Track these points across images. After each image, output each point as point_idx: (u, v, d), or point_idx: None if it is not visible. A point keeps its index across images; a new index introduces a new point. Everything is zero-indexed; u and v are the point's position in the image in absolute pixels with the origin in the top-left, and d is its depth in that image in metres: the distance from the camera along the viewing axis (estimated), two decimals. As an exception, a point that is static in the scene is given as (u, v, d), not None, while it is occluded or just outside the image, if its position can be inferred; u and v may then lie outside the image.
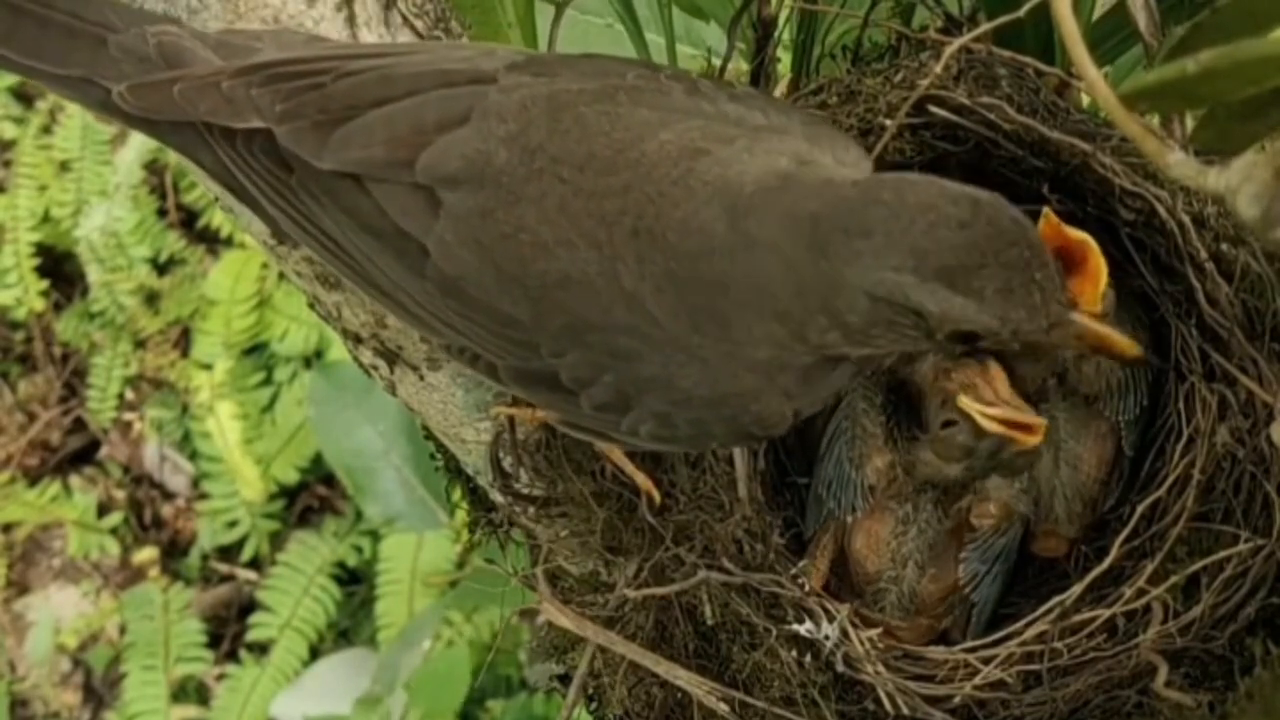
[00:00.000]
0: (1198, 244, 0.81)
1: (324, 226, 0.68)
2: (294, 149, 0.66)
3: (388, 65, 0.68)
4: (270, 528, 2.45)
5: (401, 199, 0.66)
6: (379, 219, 0.66)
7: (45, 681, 2.43)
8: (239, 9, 0.73)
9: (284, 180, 0.67)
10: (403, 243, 0.66)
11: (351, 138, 0.66)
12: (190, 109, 0.66)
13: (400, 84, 0.67)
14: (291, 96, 0.67)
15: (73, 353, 2.63)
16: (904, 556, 0.89)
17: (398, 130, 0.66)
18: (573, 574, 0.90)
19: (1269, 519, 0.80)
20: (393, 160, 0.66)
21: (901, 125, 0.84)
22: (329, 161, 0.66)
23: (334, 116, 0.66)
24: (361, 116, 0.66)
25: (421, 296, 0.67)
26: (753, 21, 0.90)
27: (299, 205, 0.67)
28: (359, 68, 0.68)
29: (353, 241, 0.67)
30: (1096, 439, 0.90)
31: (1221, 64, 0.46)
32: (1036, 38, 0.87)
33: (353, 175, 0.66)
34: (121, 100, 0.66)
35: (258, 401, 2.45)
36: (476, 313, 0.66)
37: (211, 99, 0.66)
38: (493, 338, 0.67)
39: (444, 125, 0.66)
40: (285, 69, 0.67)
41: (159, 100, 0.66)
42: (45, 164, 2.54)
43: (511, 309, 0.65)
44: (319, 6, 0.75)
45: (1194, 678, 0.81)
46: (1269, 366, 0.80)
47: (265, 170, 0.67)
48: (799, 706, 0.81)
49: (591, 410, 0.67)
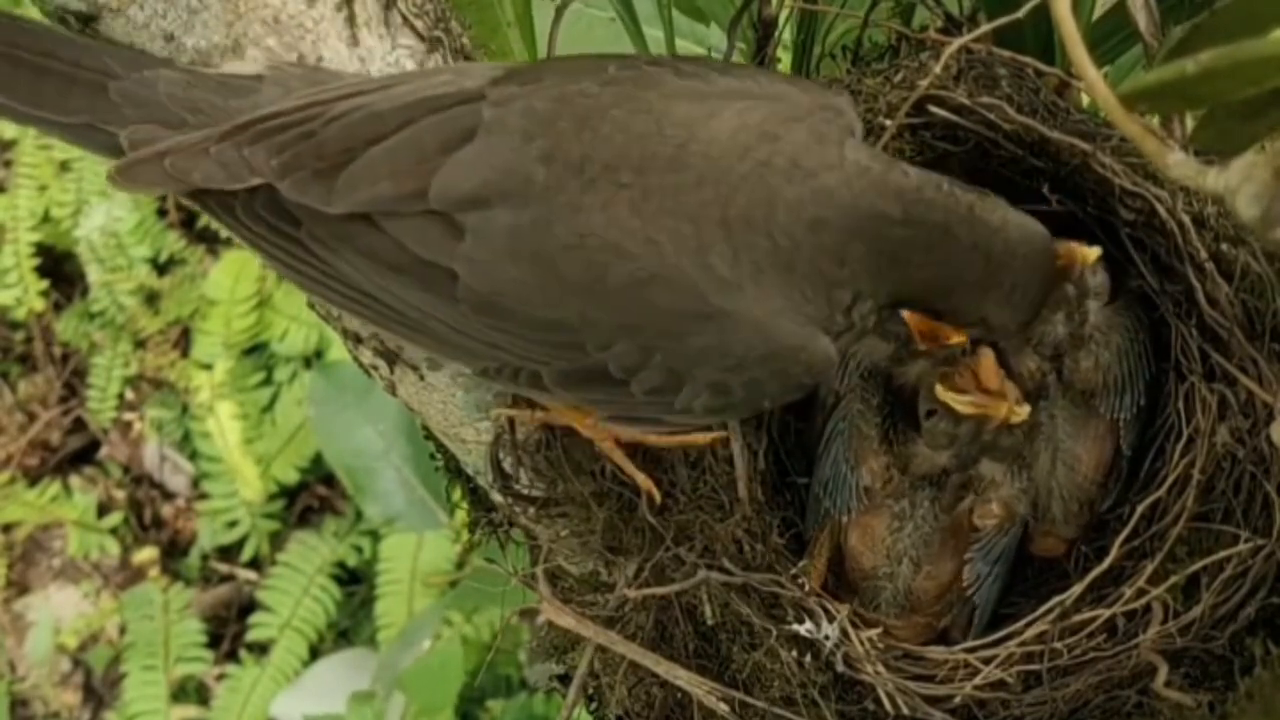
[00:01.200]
0: (1198, 244, 0.81)
1: (341, 273, 0.68)
2: (300, 200, 0.67)
3: (372, 102, 0.68)
4: (270, 528, 2.45)
5: (417, 230, 0.66)
6: (398, 254, 0.67)
7: (45, 681, 2.43)
8: (239, 9, 0.73)
9: (292, 235, 0.68)
10: (427, 271, 0.67)
11: (357, 179, 0.66)
12: (184, 179, 0.67)
13: (390, 118, 0.68)
14: (285, 149, 0.67)
15: (73, 353, 2.63)
16: (899, 553, 0.89)
17: (400, 163, 0.66)
18: (573, 574, 0.90)
19: (1269, 519, 0.80)
20: (401, 193, 0.66)
21: (901, 125, 0.84)
22: (339, 206, 0.66)
23: (333, 162, 0.67)
24: (361, 156, 0.66)
25: (455, 321, 0.68)
26: (753, 21, 0.90)
27: (310, 257, 0.68)
28: (344, 109, 0.68)
29: (374, 282, 0.68)
30: (1094, 440, 0.90)
31: (1221, 64, 0.46)
32: (1036, 38, 0.87)
33: (364, 215, 0.66)
34: (113, 184, 0.67)
35: (258, 401, 2.45)
36: (514, 324, 0.67)
37: (204, 166, 0.67)
38: (534, 346, 0.68)
39: (447, 148, 0.67)
40: (272, 123, 0.68)
41: (153, 176, 0.67)
42: (45, 164, 2.54)
43: (558, 315, 0.66)
44: (319, 6, 0.75)
45: (1194, 678, 0.81)
46: (1269, 366, 0.80)
47: (270, 228, 0.68)
48: (799, 706, 0.81)
49: (644, 396, 0.68)
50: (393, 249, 0.67)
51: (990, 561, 0.89)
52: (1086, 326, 0.88)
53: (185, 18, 0.73)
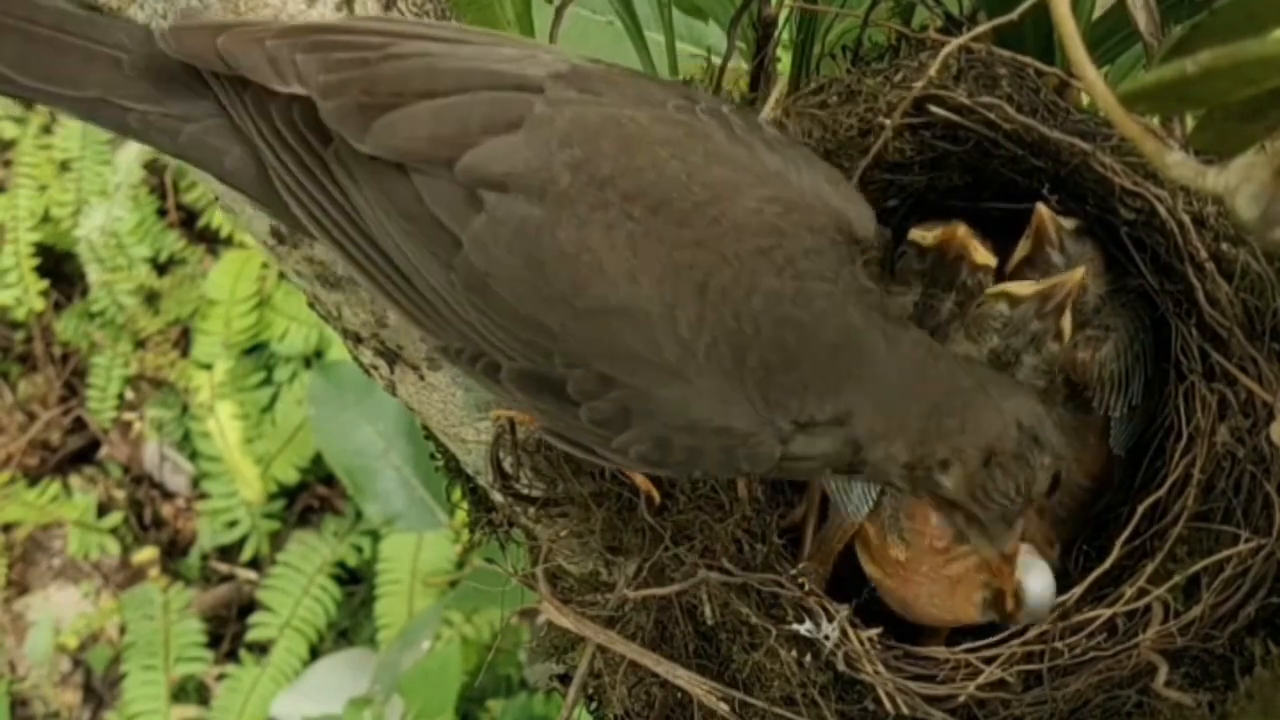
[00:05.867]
0: (1198, 243, 0.80)
1: (355, 203, 0.67)
2: (335, 127, 0.66)
3: (435, 54, 0.68)
4: (270, 528, 2.45)
5: (441, 190, 0.66)
6: (415, 205, 0.66)
7: (45, 681, 2.43)
8: (239, 9, 0.73)
9: (319, 152, 0.67)
10: (436, 231, 0.66)
11: (396, 126, 0.66)
12: (232, 61, 0.66)
13: (447, 78, 0.67)
14: (336, 69, 0.66)
15: (73, 353, 2.63)
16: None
17: (443, 128, 0.66)
18: (573, 574, 0.90)
19: (1269, 519, 0.80)
20: (434, 157, 0.66)
21: (901, 125, 0.84)
22: (370, 146, 0.66)
23: (379, 101, 0.66)
24: (408, 106, 0.66)
25: (443, 288, 0.68)
26: (753, 21, 0.90)
27: (329, 181, 0.67)
28: (406, 51, 0.68)
29: (381, 222, 0.67)
30: (1088, 446, 0.90)
31: (1220, 64, 0.46)
32: (1036, 37, 0.87)
33: (393, 162, 0.66)
34: (164, 42, 0.66)
35: (258, 401, 2.45)
36: (494, 311, 0.67)
37: (254, 55, 0.66)
38: (507, 337, 0.67)
39: (490, 129, 0.66)
40: (332, 37, 0.67)
41: (203, 48, 0.66)
42: (45, 164, 2.54)
43: (542, 316, 0.66)
44: (319, 6, 0.75)
45: (1194, 677, 0.81)
46: (1269, 366, 0.80)
47: (300, 139, 0.67)
48: (799, 706, 0.81)
49: (589, 422, 0.68)
50: (412, 199, 0.66)
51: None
52: (1087, 295, 0.88)
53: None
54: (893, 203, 0.91)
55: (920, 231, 0.89)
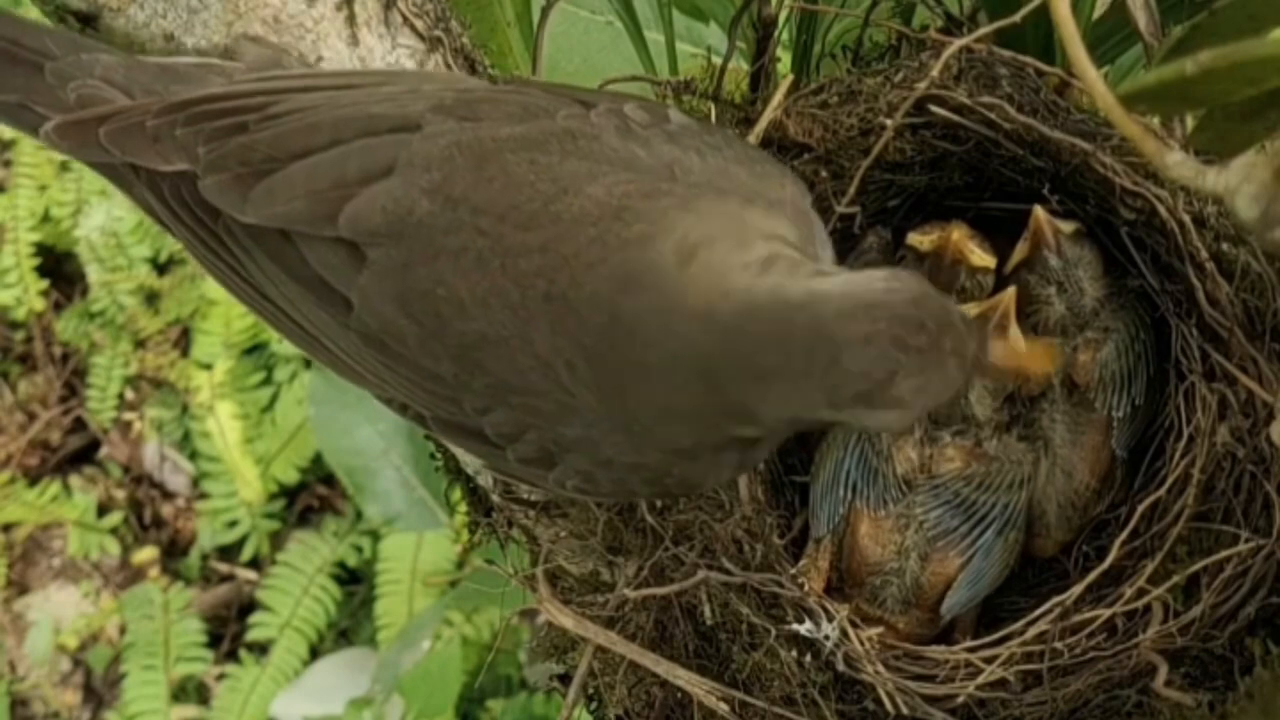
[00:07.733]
0: (1198, 243, 0.81)
1: (250, 274, 0.66)
2: (217, 202, 0.65)
3: (315, 106, 0.66)
4: (270, 527, 2.45)
5: (323, 252, 0.64)
6: (303, 268, 0.64)
7: (45, 681, 2.43)
8: (239, 9, 0.73)
9: (210, 227, 0.66)
10: (327, 293, 0.64)
11: (274, 192, 0.64)
12: (116, 150, 0.65)
13: (323, 132, 0.65)
14: (214, 139, 0.65)
15: (73, 353, 2.63)
16: (907, 549, 0.89)
17: (319, 184, 0.64)
18: (573, 574, 0.90)
19: (1269, 519, 0.80)
20: (315, 215, 0.64)
21: (902, 125, 0.84)
22: (252, 215, 0.64)
23: (255, 169, 0.64)
24: (283, 169, 0.64)
25: (347, 346, 0.66)
26: (753, 21, 0.90)
27: (225, 253, 0.66)
28: (285, 109, 0.65)
29: (279, 290, 0.66)
30: (1091, 448, 0.90)
31: (1220, 65, 0.46)
32: (1037, 37, 0.87)
33: (275, 229, 0.65)
34: (48, 140, 0.66)
35: (258, 401, 2.45)
36: (400, 365, 0.65)
37: (137, 140, 0.65)
38: (419, 390, 0.65)
39: (366, 178, 0.63)
40: (209, 107, 0.66)
41: (85, 140, 0.66)
42: (45, 164, 2.54)
43: (433, 365, 0.63)
44: (319, 6, 0.75)
45: (1194, 677, 0.81)
46: (1269, 366, 0.80)
47: (192, 216, 0.66)
48: (799, 706, 0.81)
49: (518, 464, 0.66)
50: (299, 263, 0.64)
51: (958, 511, 0.89)
52: (1085, 299, 0.88)
53: (185, 18, 0.73)
54: (893, 203, 0.92)
55: (917, 235, 0.89)
